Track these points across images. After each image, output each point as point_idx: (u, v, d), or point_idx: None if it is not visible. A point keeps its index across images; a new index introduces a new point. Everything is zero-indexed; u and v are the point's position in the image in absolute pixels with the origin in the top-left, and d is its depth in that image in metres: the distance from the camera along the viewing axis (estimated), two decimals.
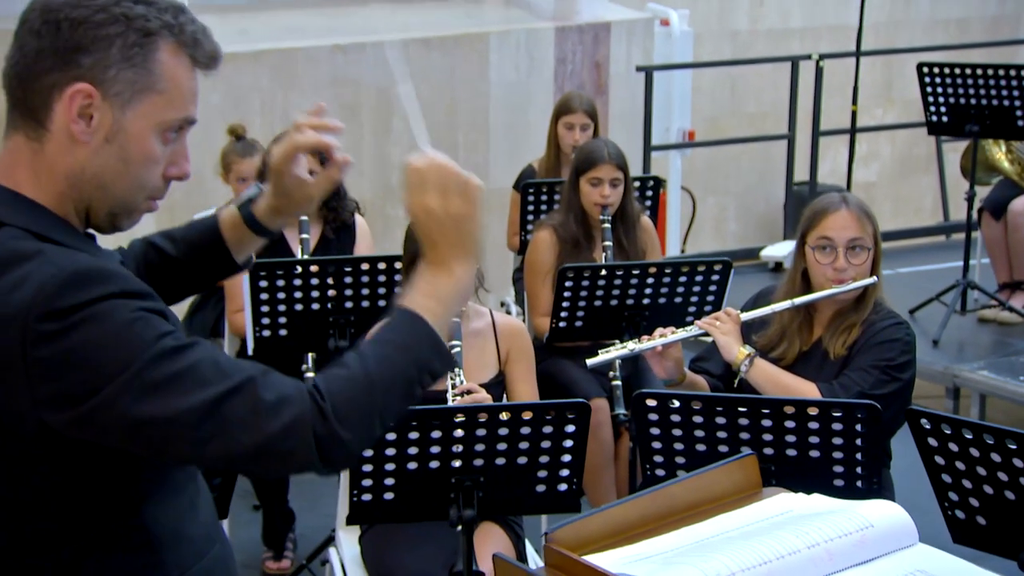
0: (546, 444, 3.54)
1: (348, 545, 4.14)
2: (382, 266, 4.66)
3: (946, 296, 7.01)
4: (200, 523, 2.15)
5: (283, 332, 4.64)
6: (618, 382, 4.78)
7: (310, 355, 4.87)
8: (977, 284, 7.10)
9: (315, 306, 4.68)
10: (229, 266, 2.44)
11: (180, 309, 5.67)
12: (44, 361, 1.81)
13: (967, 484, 3.28)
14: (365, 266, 4.65)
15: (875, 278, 4.02)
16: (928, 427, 3.29)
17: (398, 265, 4.56)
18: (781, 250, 8.04)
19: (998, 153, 7.14)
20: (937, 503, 3.36)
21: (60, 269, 1.83)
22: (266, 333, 4.64)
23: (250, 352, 4.79)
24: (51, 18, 1.88)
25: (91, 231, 2.06)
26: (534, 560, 4.12)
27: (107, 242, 2.14)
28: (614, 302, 4.73)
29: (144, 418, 1.83)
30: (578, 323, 4.74)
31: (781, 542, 2.18)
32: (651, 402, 3.57)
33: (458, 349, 4.03)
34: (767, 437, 3.49)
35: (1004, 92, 6.62)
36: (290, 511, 5.39)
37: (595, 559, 2.17)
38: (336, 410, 1.88)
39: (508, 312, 4.69)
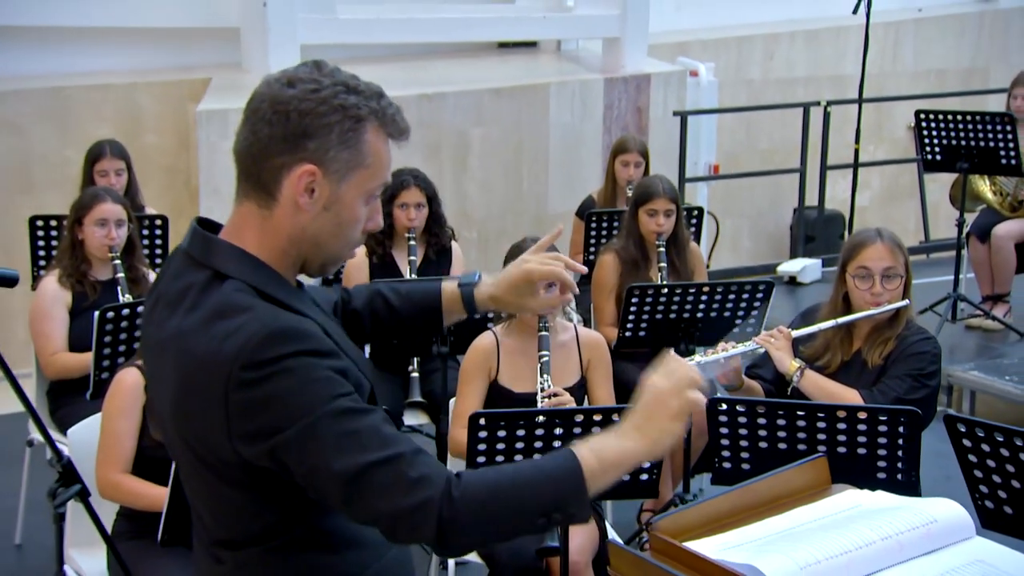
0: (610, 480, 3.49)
1: None
2: None
3: (939, 307, 6.98)
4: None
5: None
6: None
7: (415, 358, 4.87)
8: (965, 297, 7.06)
9: None
10: (437, 329, 2.44)
11: None
12: (241, 403, 1.84)
13: (996, 479, 3.24)
14: None
15: (907, 301, 3.98)
16: (964, 430, 3.26)
17: None
18: (794, 266, 8.00)
19: (983, 186, 7.10)
20: (964, 492, 3.31)
21: (264, 326, 1.85)
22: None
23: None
24: (281, 109, 1.91)
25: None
26: (612, 534, 4.07)
27: None
28: (672, 315, 4.67)
29: (309, 465, 1.85)
30: (641, 333, 4.69)
31: (858, 534, 2.15)
32: (723, 406, 3.55)
33: (547, 358, 3.97)
34: (821, 437, 3.47)
35: (990, 135, 6.64)
36: None
37: (693, 545, 2.14)
38: (466, 504, 1.84)
39: (569, 319, 4.65)
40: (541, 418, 3.39)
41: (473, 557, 3.93)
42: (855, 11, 7.98)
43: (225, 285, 1.92)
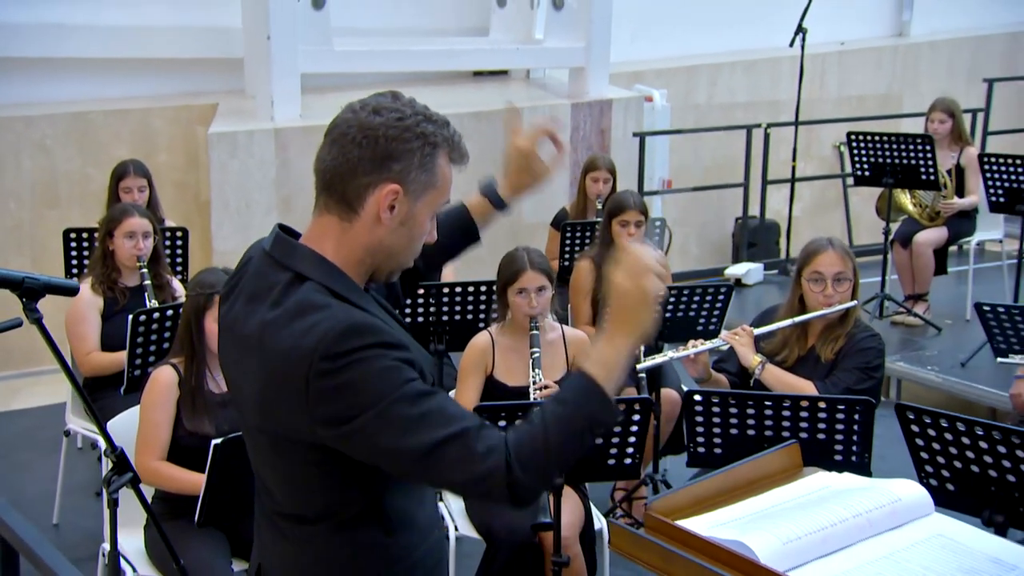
0: (617, 428, 3.49)
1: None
2: (471, 289, 4.64)
3: (868, 305, 7.03)
4: (426, 513, 2.13)
5: None
6: (643, 375, 4.73)
7: None
8: (891, 296, 7.11)
9: (420, 319, 4.64)
10: (475, 239, 2.46)
11: None
12: (320, 390, 1.83)
13: (941, 460, 3.26)
14: (459, 289, 4.62)
15: (856, 302, 3.99)
16: (913, 417, 3.28)
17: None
18: (740, 269, 8.03)
19: (905, 199, 7.14)
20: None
21: (339, 322, 1.85)
22: None
23: None
24: (370, 134, 1.91)
25: None
26: (596, 514, 4.05)
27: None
28: None
29: (384, 446, 1.85)
30: None
31: (832, 512, 2.15)
32: (698, 397, 3.54)
33: (538, 354, 3.97)
34: (786, 424, 3.49)
35: (911, 154, 6.70)
36: None
37: (685, 524, 2.13)
38: (521, 463, 1.84)
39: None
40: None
41: (471, 532, 3.91)
42: (791, 44, 7.99)
43: (305, 285, 1.92)
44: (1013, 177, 6.25)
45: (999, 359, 4.46)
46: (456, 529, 3.93)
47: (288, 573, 2.05)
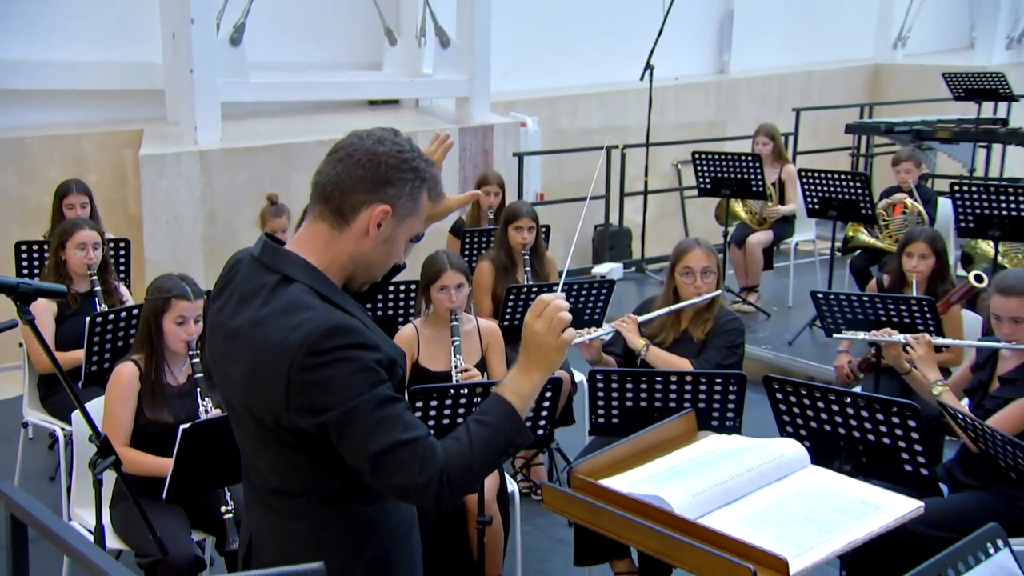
0: (532, 404, 3.47)
1: None
2: (391, 288, 4.57)
3: None
4: None
5: None
6: None
7: None
8: (730, 288, 7.22)
9: None
10: (400, 267, 2.33)
11: None
12: (300, 383, 1.79)
13: (800, 421, 3.34)
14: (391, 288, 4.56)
15: (720, 291, 4.07)
16: (777, 387, 3.34)
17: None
18: (604, 268, 8.11)
19: (738, 207, 7.30)
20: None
21: (323, 322, 1.80)
22: None
23: None
24: (373, 159, 1.88)
25: None
26: (508, 479, 4.03)
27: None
28: None
29: (345, 439, 1.81)
30: (516, 322, 4.69)
31: (729, 468, 2.20)
32: (600, 376, 3.55)
33: (458, 343, 3.94)
34: (672, 396, 3.50)
35: (744, 170, 6.84)
36: None
37: (607, 482, 2.15)
38: (450, 479, 1.82)
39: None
40: (464, 390, 3.34)
41: None
42: (641, 78, 8.12)
43: (292, 287, 1.87)
44: (826, 188, 6.47)
45: (835, 335, 4.57)
46: None
47: (277, 542, 1.98)
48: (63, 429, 4.33)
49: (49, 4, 7.73)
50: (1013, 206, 5.52)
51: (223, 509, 3.37)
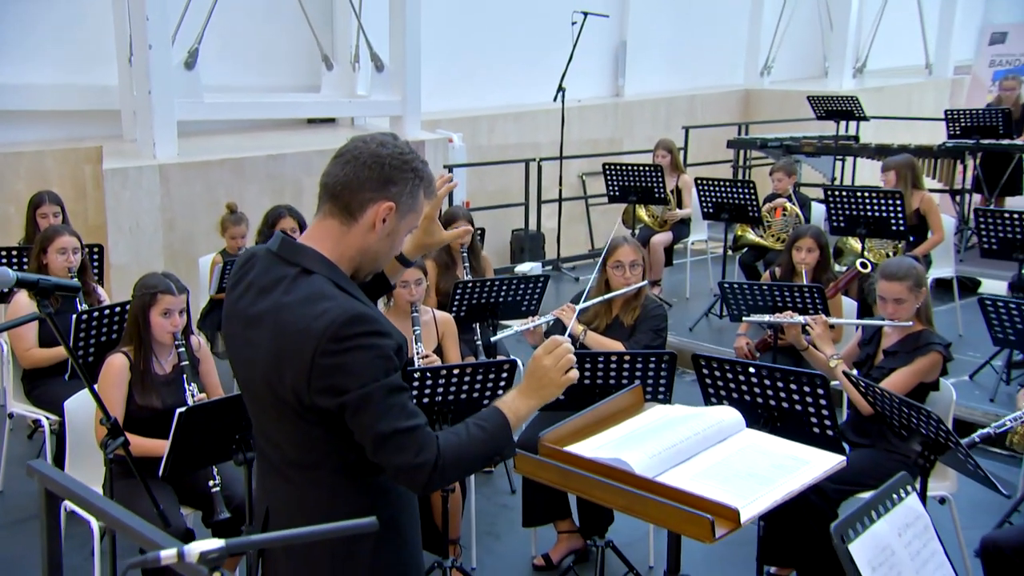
0: (489, 385, 3.47)
1: None
2: None
3: None
4: None
5: None
6: (479, 343, 4.76)
7: None
8: None
9: None
10: (386, 288, 2.30)
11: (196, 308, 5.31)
12: (322, 366, 1.75)
13: (723, 392, 3.40)
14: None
15: (646, 282, 4.11)
16: (704, 364, 3.39)
17: None
18: (526, 267, 8.11)
19: (642, 212, 7.39)
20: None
21: (344, 311, 1.77)
22: None
23: None
24: (378, 161, 1.85)
25: None
26: None
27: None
28: (483, 300, 4.67)
29: (358, 420, 1.78)
30: (463, 313, 4.67)
31: (678, 432, 2.24)
32: None
33: (419, 332, 3.90)
34: (612, 375, 3.53)
35: (648, 178, 6.94)
36: None
37: (571, 449, 2.19)
38: (443, 467, 1.81)
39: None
40: (428, 374, 3.31)
41: None
42: (555, 99, 8.17)
43: (313, 278, 1.83)
44: (719, 194, 6.61)
45: (744, 319, 4.66)
46: None
47: (293, 511, 1.93)
48: (47, 418, 4.15)
49: (13, 32, 7.47)
50: (876, 208, 5.74)
51: (210, 483, 3.29)
